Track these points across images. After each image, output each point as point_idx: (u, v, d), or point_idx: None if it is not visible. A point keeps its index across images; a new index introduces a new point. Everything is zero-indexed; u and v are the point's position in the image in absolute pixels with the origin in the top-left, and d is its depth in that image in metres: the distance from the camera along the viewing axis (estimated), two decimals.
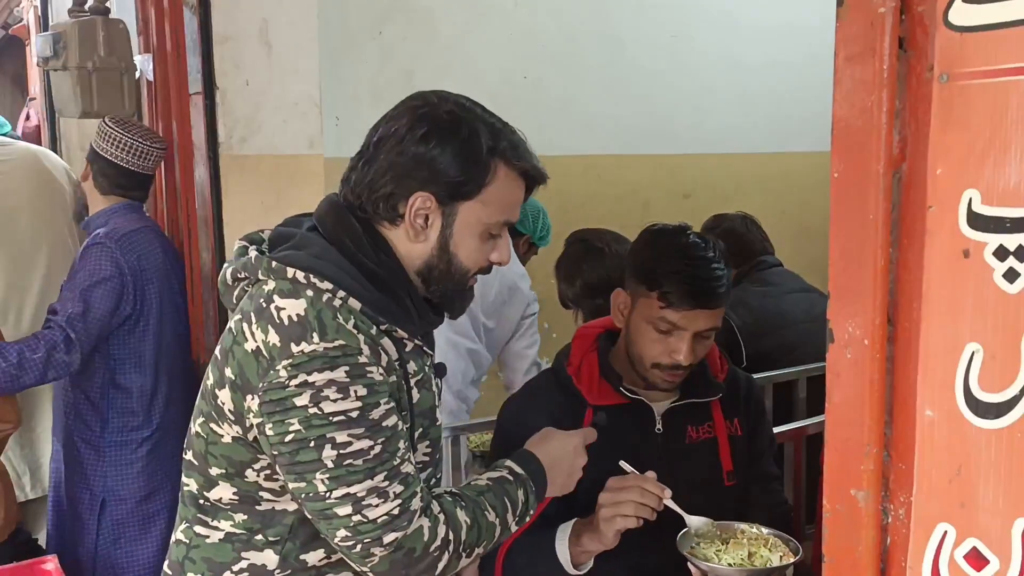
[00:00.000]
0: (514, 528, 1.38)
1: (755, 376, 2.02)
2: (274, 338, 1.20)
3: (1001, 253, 0.70)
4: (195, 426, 1.32)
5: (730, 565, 1.44)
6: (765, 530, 1.53)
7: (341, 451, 1.18)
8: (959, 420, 0.74)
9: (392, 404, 1.24)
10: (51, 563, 2.10)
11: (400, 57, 3.39)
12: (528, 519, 1.41)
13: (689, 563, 1.47)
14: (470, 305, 2.80)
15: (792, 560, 1.45)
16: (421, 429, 1.34)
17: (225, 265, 1.36)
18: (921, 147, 0.76)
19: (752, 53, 4.17)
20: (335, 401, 1.18)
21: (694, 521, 1.54)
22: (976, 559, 0.74)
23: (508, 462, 1.43)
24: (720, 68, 4.11)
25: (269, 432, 1.20)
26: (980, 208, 0.71)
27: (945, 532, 0.76)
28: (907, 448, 0.80)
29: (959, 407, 0.74)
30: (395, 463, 1.22)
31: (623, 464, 1.57)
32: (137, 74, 3.28)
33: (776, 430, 2.18)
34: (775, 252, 3.26)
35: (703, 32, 4.09)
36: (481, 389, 2.97)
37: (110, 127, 2.74)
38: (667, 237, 1.74)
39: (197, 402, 1.34)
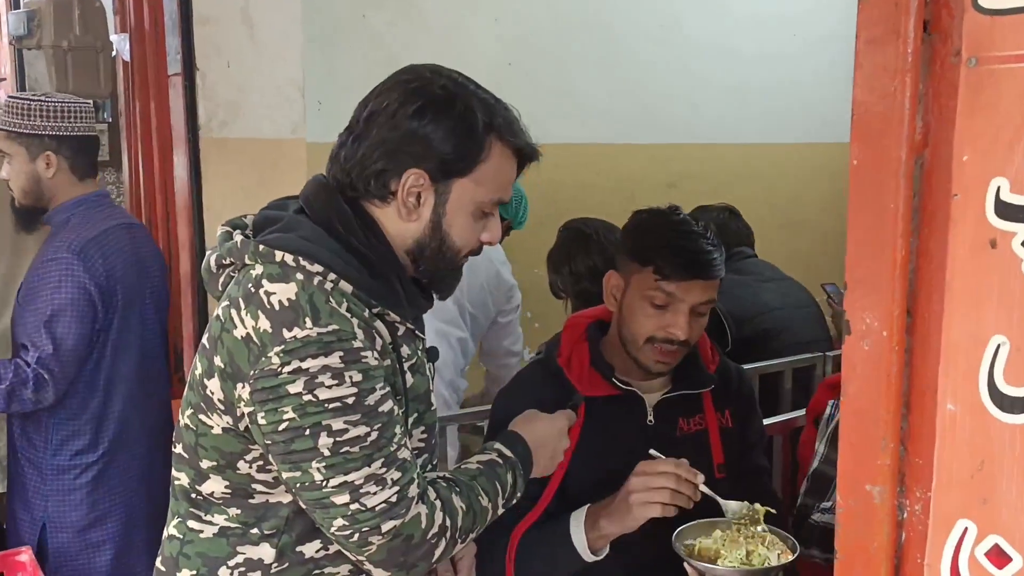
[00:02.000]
0: (502, 511, 1.37)
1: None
2: (265, 324, 1.16)
3: None
4: (184, 418, 1.28)
5: (729, 566, 1.42)
6: (763, 528, 1.51)
7: (337, 439, 1.15)
8: (982, 414, 0.72)
9: (387, 389, 1.21)
10: (25, 554, 2.06)
11: (385, 42, 3.34)
12: (515, 501, 1.40)
13: (685, 564, 1.45)
14: (457, 294, 2.78)
15: (790, 558, 1.43)
16: (416, 414, 1.31)
17: (208, 252, 1.32)
18: (945, 133, 0.74)
19: (743, 43, 4.16)
20: (330, 387, 1.14)
21: (731, 505, 1.52)
22: (998, 556, 0.72)
23: (497, 444, 1.41)
24: (710, 58, 4.10)
25: (261, 421, 1.17)
26: (1008, 197, 0.69)
27: (966, 528, 0.74)
28: (925, 442, 0.78)
29: (982, 401, 0.72)
30: (392, 449, 1.19)
31: (653, 452, 1.55)
32: (113, 54, 3.21)
33: (765, 422, 2.17)
34: (757, 244, 3.27)
35: (693, 21, 4.07)
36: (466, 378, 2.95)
37: (46, 101, 2.39)
38: (657, 216, 1.75)
39: (185, 394, 1.30)
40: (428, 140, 1.23)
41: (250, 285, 1.19)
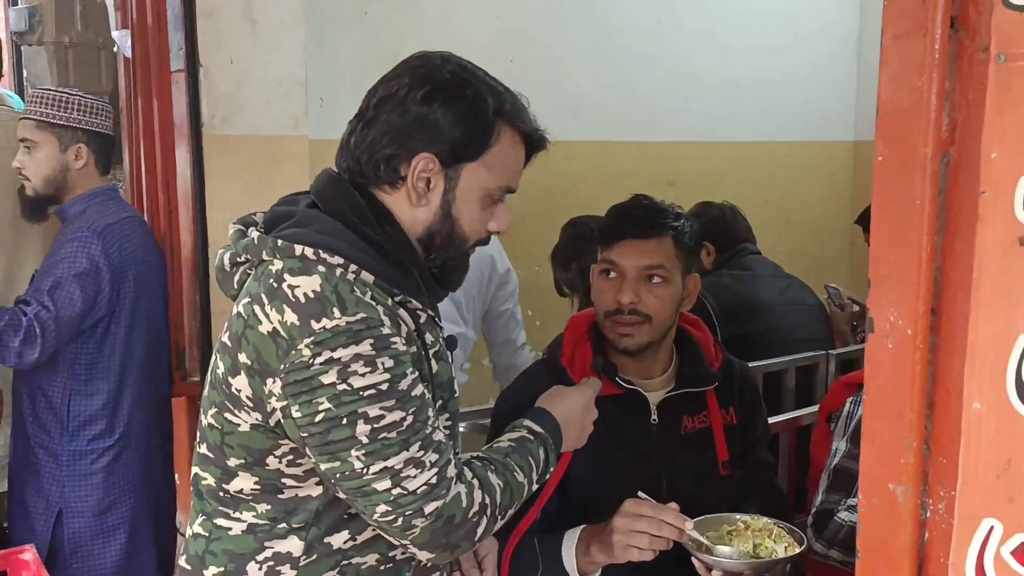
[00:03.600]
0: (536, 487, 1.38)
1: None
2: (291, 317, 1.15)
3: None
4: (207, 418, 1.27)
5: (736, 559, 1.42)
6: (769, 521, 1.51)
7: (375, 425, 1.15)
8: (1010, 413, 0.72)
9: (417, 374, 1.21)
10: (29, 553, 2.04)
11: (385, 37, 3.34)
12: (548, 476, 1.40)
13: (693, 558, 1.45)
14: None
15: (797, 551, 1.43)
16: (440, 401, 1.31)
17: (222, 251, 1.31)
18: (973, 130, 0.74)
19: (739, 40, 4.16)
20: (363, 375, 1.14)
21: (723, 551, 1.47)
22: None
23: (526, 422, 1.42)
24: (706, 55, 4.10)
25: (296, 414, 1.16)
26: None
27: (991, 528, 0.73)
28: (949, 441, 0.77)
29: (1010, 399, 0.72)
30: (427, 432, 1.20)
31: (641, 494, 1.53)
32: (115, 50, 3.19)
33: (769, 420, 2.16)
34: (756, 242, 3.28)
35: (690, 18, 4.07)
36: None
37: (82, 96, 2.52)
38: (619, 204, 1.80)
39: (206, 393, 1.29)
40: (438, 124, 1.23)
41: (272, 280, 1.19)
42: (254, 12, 2.71)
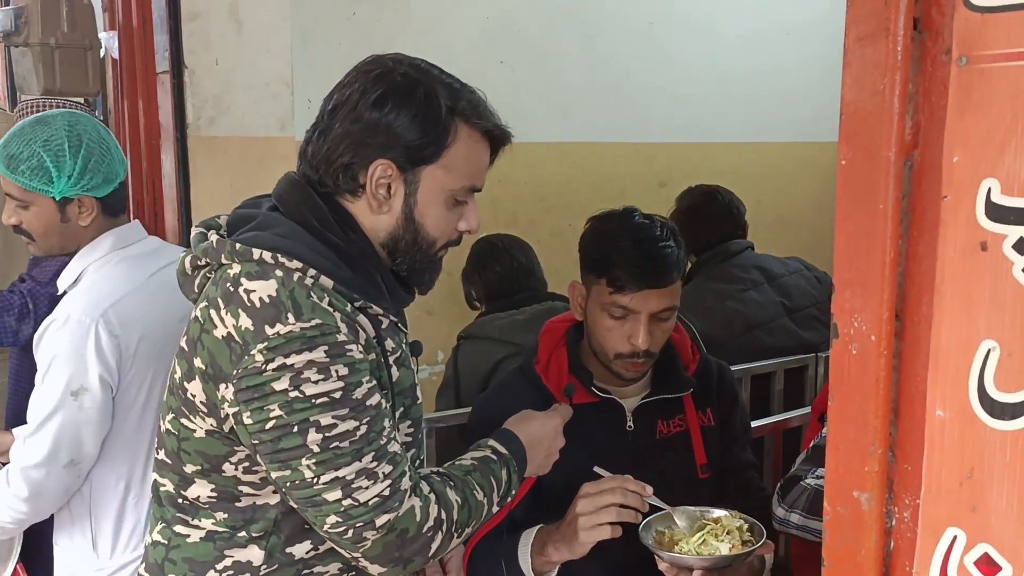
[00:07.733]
0: (497, 509, 1.35)
1: (732, 368, 1.97)
2: (246, 322, 1.14)
3: (1021, 246, 0.67)
4: (164, 423, 1.26)
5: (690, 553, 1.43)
6: (734, 515, 1.51)
7: (326, 434, 1.13)
8: (972, 420, 0.71)
9: (374, 383, 1.19)
10: None
11: (374, 38, 3.33)
12: (510, 499, 1.38)
13: (655, 554, 1.45)
14: None
15: (741, 551, 1.43)
16: (402, 408, 1.29)
17: (182, 254, 1.29)
18: (935, 133, 0.73)
19: (730, 41, 4.15)
20: (316, 383, 1.13)
21: (679, 513, 1.52)
22: (987, 565, 0.70)
23: (491, 442, 1.40)
24: (699, 55, 4.09)
25: (247, 420, 1.15)
26: (999, 198, 0.68)
27: (955, 537, 0.72)
28: (914, 449, 0.76)
29: (972, 407, 0.70)
30: (382, 443, 1.18)
31: (598, 470, 1.53)
32: (102, 52, 3.18)
33: (756, 423, 2.15)
34: (747, 226, 3.03)
35: (682, 18, 4.06)
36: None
37: None
38: (612, 221, 1.71)
39: (164, 398, 1.28)
40: (391, 128, 1.21)
41: (228, 284, 1.17)
42: (240, 13, 2.70)
